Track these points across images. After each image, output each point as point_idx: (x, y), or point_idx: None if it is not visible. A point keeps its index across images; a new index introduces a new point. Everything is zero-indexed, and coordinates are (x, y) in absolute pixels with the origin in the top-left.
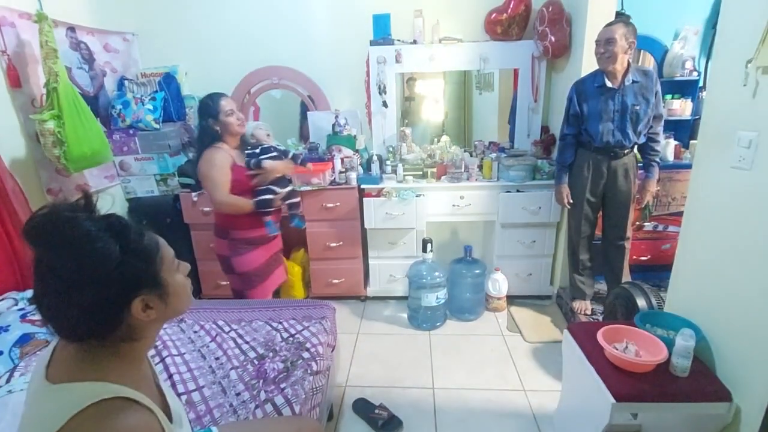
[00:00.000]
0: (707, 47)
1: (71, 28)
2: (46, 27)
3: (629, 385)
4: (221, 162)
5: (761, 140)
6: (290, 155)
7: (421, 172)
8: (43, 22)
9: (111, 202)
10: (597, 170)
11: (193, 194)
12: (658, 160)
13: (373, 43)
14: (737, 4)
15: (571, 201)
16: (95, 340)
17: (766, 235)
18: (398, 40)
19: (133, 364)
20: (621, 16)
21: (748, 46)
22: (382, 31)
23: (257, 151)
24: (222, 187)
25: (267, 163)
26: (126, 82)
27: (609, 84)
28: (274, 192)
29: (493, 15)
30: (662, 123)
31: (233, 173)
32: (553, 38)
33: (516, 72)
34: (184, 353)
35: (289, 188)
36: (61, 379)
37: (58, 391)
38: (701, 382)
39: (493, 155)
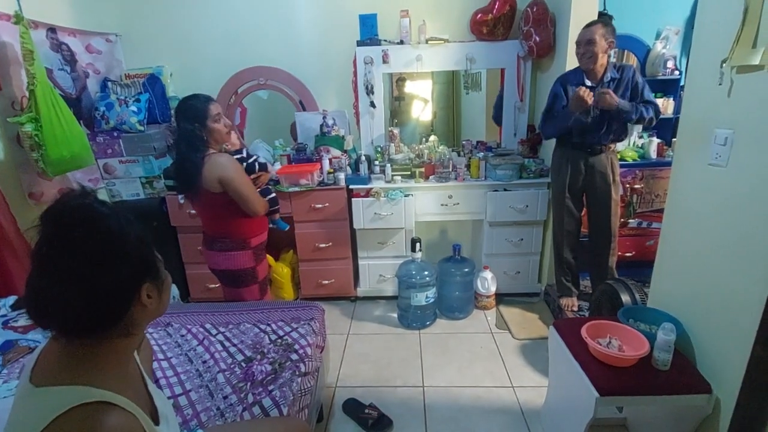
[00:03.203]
0: (688, 47)
1: (52, 29)
2: (21, 28)
3: (613, 379)
4: (238, 166)
5: (736, 138)
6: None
7: (409, 172)
8: (20, 23)
9: None
10: (575, 166)
11: (180, 197)
12: (644, 109)
13: (360, 44)
14: (712, 6)
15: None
16: (97, 333)
17: (742, 231)
18: (385, 41)
19: (119, 365)
20: (603, 17)
21: (723, 47)
22: (368, 31)
23: (244, 155)
24: (257, 192)
25: (270, 167)
26: (109, 84)
27: (588, 83)
28: (271, 191)
29: (479, 15)
30: (652, 107)
31: None
32: (537, 38)
33: (503, 72)
34: (171, 357)
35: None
36: (45, 383)
37: (41, 394)
38: (682, 375)
39: (481, 154)
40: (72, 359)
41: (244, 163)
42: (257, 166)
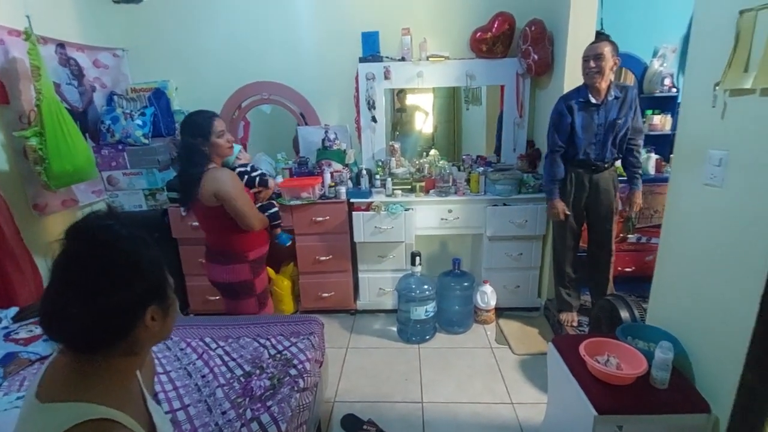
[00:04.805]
0: (685, 64)
1: (60, 45)
2: (29, 45)
3: (611, 397)
4: (238, 181)
5: (731, 159)
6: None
7: (409, 186)
8: (28, 39)
9: None
10: (580, 184)
11: (182, 209)
12: (640, 172)
13: (362, 60)
14: (705, 30)
15: (568, 213)
16: (101, 351)
17: (738, 250)
18: (387, 57)
19: (122, 383)
20: (601, 36)
21: (717, 70)
22: (370, 48)
23: (248, 169)
24: (254, 207)
25: (272, 182)
26: (115, 98)
27: (593, 100)
28: (274, 205)
29: (478, 34)
30: (642, 137)
31: None
32: (536, 56)
33: (502, 88)
34: (170, 371)
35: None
36: (49, 398)
37: (45, 410)
38: (680, 394)
39: (481, 169)
40: (77, 375)
41: (245, 177)
42: (257, 181)
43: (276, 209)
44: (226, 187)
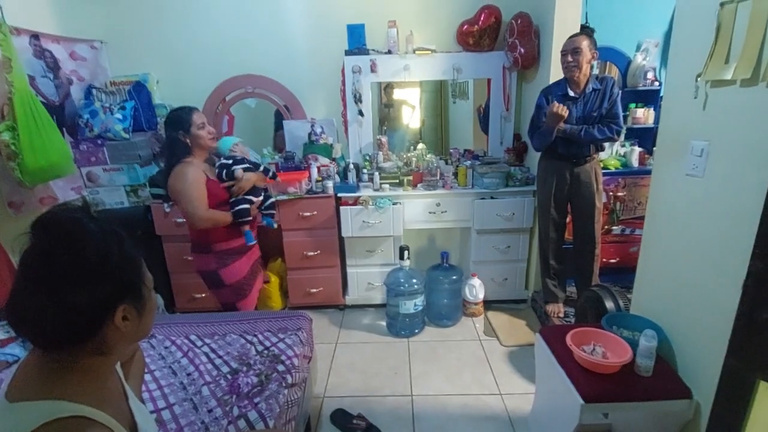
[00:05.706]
0: (667, 59)
1: (35, 36)
2: (0, 35)
3: (597, 386)
4: (194, 177)
5: (712, 149)
6: (261, 168)
7: (397, 180)
8: (0, 30)
9: None
10: (561, 176)
11: (165, 205)
12: (598, 136)
13: (348, 53)
14: (687, 23)
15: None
16: (68, 349)
17: (719, 239)
18: (373, 50)
19: (97, 381)
20: (585, 29)
21: (698, 62)
22: (356, 41)
23: (229, 162)
24: (199, 203)
25: (239, 173)
26: (94, 91)
27: (571, 93)
28: (250, 202)
29: (465, 27)
30: (618, 122)
31: (207, 187)
32: (522, 50)
33: (489, 81)
34: (154, 370)
35: (262, 197)
36: (19, 398)
37: (14, 409)
38: (664, 381)
39: (468, 163)
40: (47, 374)
41: (224, 171)
42: (224, 173)
43: (245, 206)
44: (179, 183)
